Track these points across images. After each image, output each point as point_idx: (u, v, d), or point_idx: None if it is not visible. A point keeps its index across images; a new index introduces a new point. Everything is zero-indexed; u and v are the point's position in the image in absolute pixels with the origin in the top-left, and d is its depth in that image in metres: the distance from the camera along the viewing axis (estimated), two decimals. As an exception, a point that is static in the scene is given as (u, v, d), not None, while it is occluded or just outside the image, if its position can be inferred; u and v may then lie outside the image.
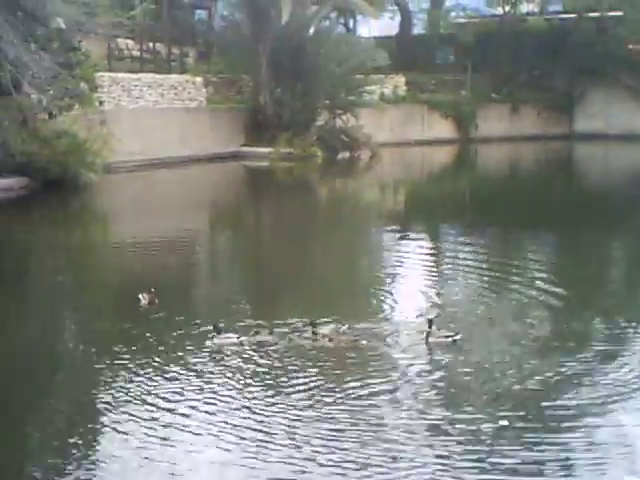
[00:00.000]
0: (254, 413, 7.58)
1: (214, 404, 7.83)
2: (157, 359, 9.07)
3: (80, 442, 7.09)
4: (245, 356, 9.20)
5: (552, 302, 11.67)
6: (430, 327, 9.76)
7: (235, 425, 7.33)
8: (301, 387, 8.26)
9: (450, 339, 9.69)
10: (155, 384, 8.35)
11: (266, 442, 7.00)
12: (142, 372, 8.71)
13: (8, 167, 23.02)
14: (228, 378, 8.53)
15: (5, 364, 9.35)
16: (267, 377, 8.58)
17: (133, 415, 7.54)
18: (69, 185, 23.27)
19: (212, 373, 8.69)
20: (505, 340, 9.93)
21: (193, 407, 7.76)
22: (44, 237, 18.09)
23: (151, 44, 37.59)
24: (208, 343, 9.58)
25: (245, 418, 7.47)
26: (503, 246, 17.54)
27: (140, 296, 11.47)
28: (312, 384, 8.35)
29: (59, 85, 23.77)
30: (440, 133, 44.60)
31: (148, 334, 9.94)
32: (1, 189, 22.65)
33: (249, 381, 8.45)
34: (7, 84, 21.73)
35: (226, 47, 38.68)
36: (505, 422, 7.42)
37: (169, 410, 7.67)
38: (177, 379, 8.49)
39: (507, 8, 48.26)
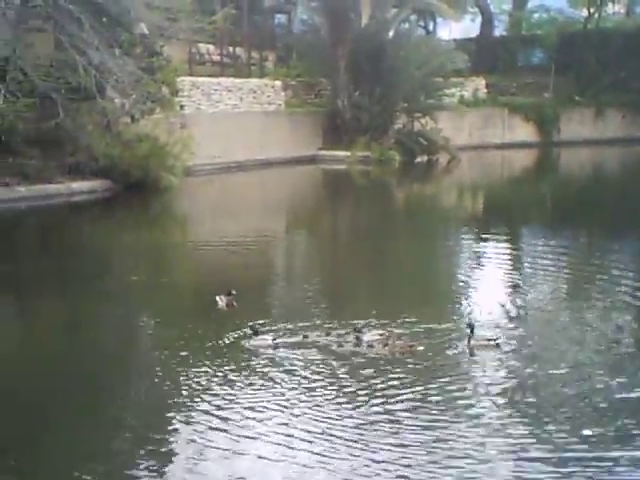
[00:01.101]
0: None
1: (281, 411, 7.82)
2: (223, 362, 9.11)
3: (149, 448, 7.09)
4: (275, 359, 9.23)
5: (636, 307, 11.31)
6: (472, 331, 9.67)
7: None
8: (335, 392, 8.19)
9: (493, 342, 9.63)
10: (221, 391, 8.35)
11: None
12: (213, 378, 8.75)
13: (92, 170, 23.58)
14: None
15: (75, 364, 9.46)
16: (297, 381, 8.55)
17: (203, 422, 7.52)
18: (150, 188, 23.67)
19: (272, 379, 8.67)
20: (583, 348, 9.63)
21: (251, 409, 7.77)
22: (124, 238, 18.42)
23: (231, 48, 38.06)
24: (245, 344, 9.63)
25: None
26: (585, 250, 17.10)
27: (217, 298, 11.50)
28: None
29: (141, 89, 24.20)
30: (521, 136, 43.79)
31: (220, 337, 9.96)
32: (84, 191, 23.24)
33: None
34: (91, 88, 22.20)
35: (305, 51, 38.86)
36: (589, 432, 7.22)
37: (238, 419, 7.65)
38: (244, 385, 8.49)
39: (592, 10, 47.12)
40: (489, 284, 13.59)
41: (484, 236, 18.60)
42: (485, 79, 44.22)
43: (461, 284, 13.46)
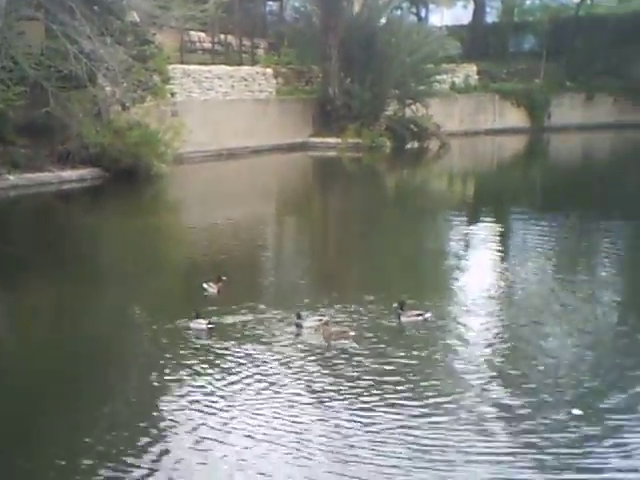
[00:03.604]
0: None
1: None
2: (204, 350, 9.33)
3: (141, 435, 7.18)
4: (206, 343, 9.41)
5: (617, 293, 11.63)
6: (402, 308, 10.04)
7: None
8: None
9: (421, 317, 10.02)
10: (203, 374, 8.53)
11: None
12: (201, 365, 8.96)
13: (82, 158, 23.74)
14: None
15: (60, 348, 9.64)
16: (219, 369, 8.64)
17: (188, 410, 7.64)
18: (141, 175, 23.81)
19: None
20: (563, 328, 9.90)
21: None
22: (114, 224, 18.64)
23: (223, 36, 38.11)
24: (183, 324, 9.87)
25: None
26: (573, 233, 17.37)
27: (205, 285, 11.60)
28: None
29: (132, 77, 24.27)
30: (511, 122, 44.00)
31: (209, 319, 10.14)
32: (75, 179, 23.41)
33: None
34: (82, 77, 22.30)
35: (296, 38, 38.92)
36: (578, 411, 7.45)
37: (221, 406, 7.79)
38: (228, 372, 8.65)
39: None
40: (473, 267, 13.83)
41: (472, 220, 18.88)
42: (476, 65, 44.38)
43: (441, 268, 13.77)
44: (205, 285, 11.62)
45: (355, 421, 7.26)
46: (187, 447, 6.82)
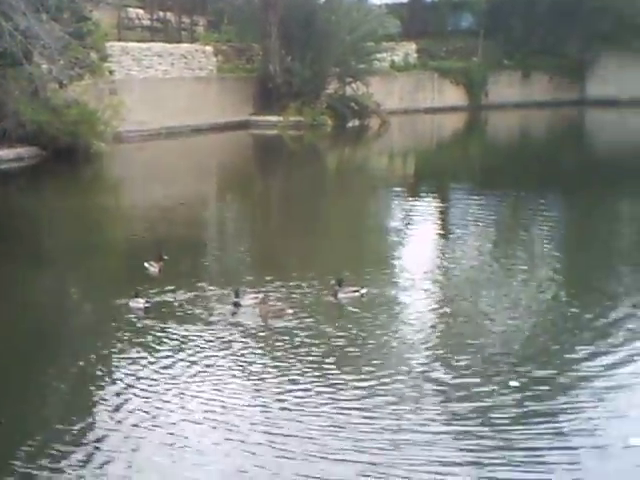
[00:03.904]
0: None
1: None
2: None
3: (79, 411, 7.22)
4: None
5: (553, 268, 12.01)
6: (340, 285, 10.14)
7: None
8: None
9: (358, 294, 10.14)
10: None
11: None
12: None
13: (19, 137, 23.35)
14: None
15: (6, 329, 9.59)
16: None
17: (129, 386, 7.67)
18: (79, 154, 23.53)
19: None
20: (501, 303, 10.19)
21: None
22: (53, 204, 18.43)
23: (161, 13, 37.71)
24: (121, 303, 9.87)
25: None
26: (511, 208, 17.81)
27: (147, 264, 11.58)
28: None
29: (69, 55, 23.93)
30: (450, 100, 44.52)
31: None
32: (12, 158, 23.02)
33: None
34: (18, 54, 21.90)
35: (236, 15, 38.72)
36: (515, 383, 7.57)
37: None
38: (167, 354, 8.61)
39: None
40: (413, 244, 14.14)
41: (413, 197, 19.18)
42: (416, 44, 44.72)
43: (381, 244, 14.04)
44: (146, 264, 11.60)
45: (291, 400, 7.27)
46: (123, 429, 6.75)
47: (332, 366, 8.07)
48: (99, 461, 6.24)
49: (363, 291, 10.24)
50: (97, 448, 6.44)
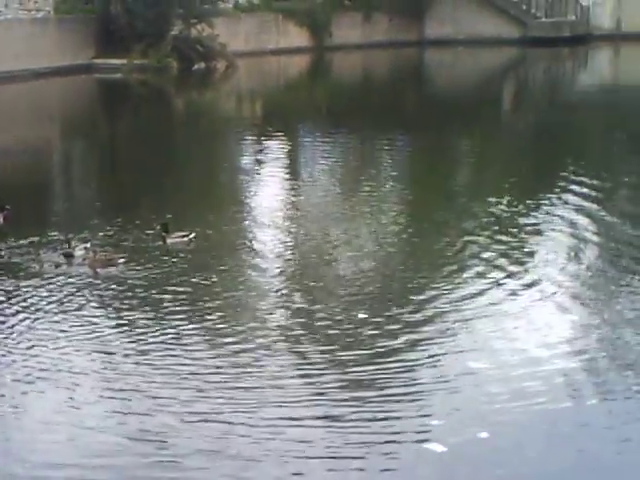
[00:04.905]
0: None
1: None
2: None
3: None
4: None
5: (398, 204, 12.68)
6: (167, 231, 10.17)
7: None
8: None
9: (186, 239, 10.22)
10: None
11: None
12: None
13: None
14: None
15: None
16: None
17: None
18: None
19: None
20: (350, 242, 10.67)
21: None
22: None
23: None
24: None
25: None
26: (357, 149, 18.46)
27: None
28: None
29: None
30: (295, 42, 44.62)
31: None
32: None
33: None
34: None
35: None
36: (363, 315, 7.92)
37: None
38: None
39: None
40: (259, 186, 14.54)
41: (261, 140, 19.54)
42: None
43: (225, 188, 14.44)
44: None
45: (131, 354, 7.25)
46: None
47: (171, 315, 8.05)
48: None
49: (191, 236, 10.19)
50: None
